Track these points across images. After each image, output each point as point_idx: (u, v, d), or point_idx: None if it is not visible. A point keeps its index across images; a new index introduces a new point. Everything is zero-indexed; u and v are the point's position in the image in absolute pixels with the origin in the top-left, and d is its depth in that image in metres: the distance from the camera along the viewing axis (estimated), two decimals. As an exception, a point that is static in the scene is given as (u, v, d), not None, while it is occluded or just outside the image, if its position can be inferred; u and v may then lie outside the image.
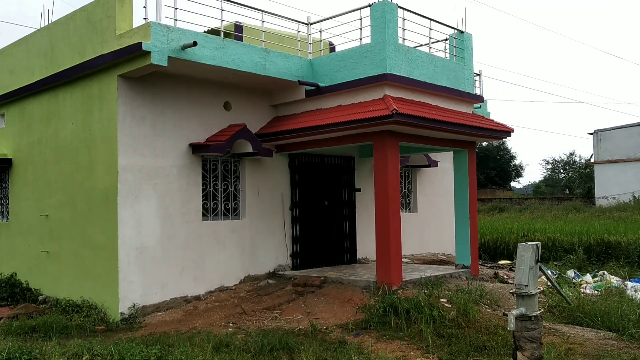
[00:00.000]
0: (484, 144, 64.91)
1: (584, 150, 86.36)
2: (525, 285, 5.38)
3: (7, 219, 12.86)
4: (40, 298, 11.01)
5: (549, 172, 74.65)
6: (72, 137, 10.65)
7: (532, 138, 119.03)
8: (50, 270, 11.08)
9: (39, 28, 12.03)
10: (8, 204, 12.82)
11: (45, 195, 11.36)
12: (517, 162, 71.72)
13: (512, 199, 44.88)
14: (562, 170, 70.69)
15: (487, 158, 66.35)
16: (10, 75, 12.54)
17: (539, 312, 5.47)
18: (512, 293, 5.70)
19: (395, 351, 7.54)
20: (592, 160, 40.90)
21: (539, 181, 72.98)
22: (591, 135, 40.22)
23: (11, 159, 12.49)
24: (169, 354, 6.77)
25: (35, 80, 11.46)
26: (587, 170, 46.03)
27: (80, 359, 6.66)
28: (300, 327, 8.62)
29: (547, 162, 74.78)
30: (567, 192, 53.90)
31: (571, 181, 53.06)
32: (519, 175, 72.88)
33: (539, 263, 5.60)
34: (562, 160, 72.66)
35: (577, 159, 67.62)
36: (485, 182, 64.84)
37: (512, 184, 74.27)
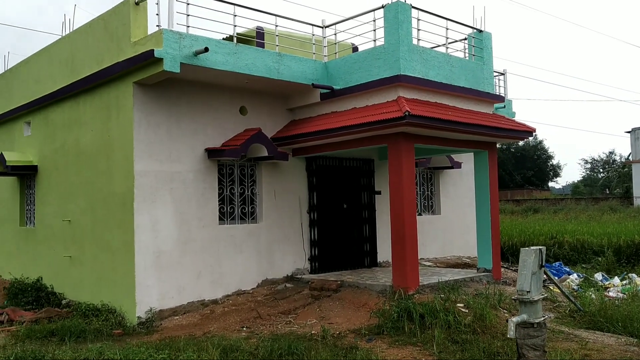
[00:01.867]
0: (520, 143, 63.79)
1: (624, 149, 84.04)
2: (528, 292, 5.22)
3: (34, 224, 13.17)
4: (63, 302, 11.23)
5: (587, 172, 73.05)
6: (92, 144, 10.84)
7: (572, 137, 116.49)
8: (73, 274, 11.30)
9: (60, 37, 12.29)
10: (34, 210, 13.13)
11: (68, 201, 11.59)
12: (554, 161, 70.39)
13: (548, 200, 44.03)
14: (601, 170, 69.07)
15: (524, 158, 65.25)
16: (35, 84, 12.85)
17: (542, 318, 5.30)
18: (514, 299, 5.56)
19: (407, 357, 7.42)
20: (630, 158, 39.75)
21: (578, 181, 71.47)
22: (629, 134, 39.11)
23: (37, 166, 12.79)
24: (177, 359, 6.81)
25: (58, 88, 11.71)
26: (626, 169, 44.77)
27: (90, 363, 6.73)
28: (313, 332, 8.57)
29: (586, 162, 73.24)
30: (606, 192, 52.53)
31: (609, 181, 51.68)
32: (556, 175, 71.52)
33: (543, 268, 5.43)
34: (602, 159, 71.02)
35: (617, 158, 66.00)
36: (522, 182, 63.76)
37: (551, 184, 72.96)
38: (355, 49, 13.47)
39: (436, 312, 8.55)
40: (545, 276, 5.76)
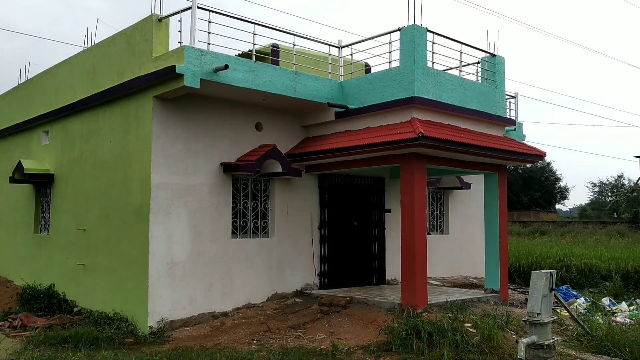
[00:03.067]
0: (528, 165, 63.84)
1: (633, 174, 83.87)
2: (538, 314, 5.34)
3: (48, 232, 13.38)
4: (75, 309, 11.39)
5: (595, 195, 72.80)
6: (110, 155, 11.06)
7: (580, 160, 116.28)
8: (86, 282, 11.47)
9: (82, 50, 12.57)
10: (50, 217, 13.35)
11: (84, 210, 11.80)
12: (562, 184, 70.24)
13: (555, 222, 43.96)
14: (609, 194, 68.83)
15: (531, 179, 65.16)
16: (55, 94, 13.13)
17: (551, 340, 5.42)
18: (524, 321, 5.67)
19: (415, 375, 7.52)
20: (639, 183, 39.70)
21: (585, 204, 71.20)
22: (638, 159, 39.11)
23: (53, 175, 13.02)
24: (190, 369, 6.95)
25: (78, 99, 11.97)
26: (634, 194, 44.69)
27: (105, 370, 6.88)
28: (322, 347, 8.69)
29: (594, 185, 72.99)
30: (614, 216, 52.38)
31: (618, 205, 51.52)
32: (564, 197, 71.35)
33: (553, 291, 5.56)
34: (610, 183, 70.79)
35: (626, 182, 65.80)
36: (529, 204, 63.62)
37: (558, 206, 72.71)
38: (368, 69, 13.70)
39: (444, 331, 8.64)
40: (554, 299, 5.86)
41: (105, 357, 7.39)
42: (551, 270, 5.55)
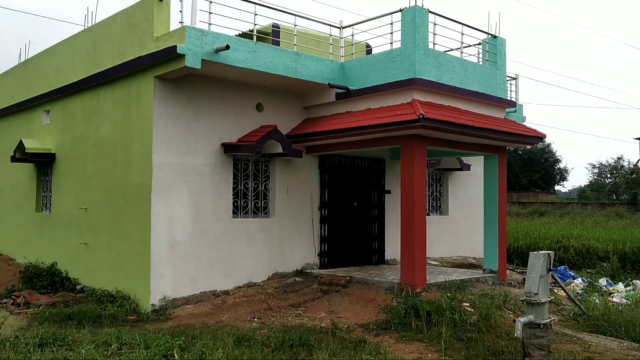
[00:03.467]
0: (528, 147, 63.78)
1: (633, 155, 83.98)
2: (535, 294, 5.45)
3: (50, 210, 13.47)
4: (78, 287, 11.52)
5: (595, 177, 72.94)
6: (111, 135, 11.11)
7: (580, 142, 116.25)
8: (88, 261, 11.59)
9: (82, 29, 12.55)
10: (51, 196, 13.43)
11: (85, 190, 11.87)
12: (562, 165, 70.34)
13: (554, 204, 44.12)
14: (608, 175, 68.96)
15: (531, 160, 65.25)
16: (56, 73, 13.13)
17: (548, 320, 5.53)
18: (522, 301, 5.78)
19: (413, 352, 7.65)
20: (639, 165, 39.78)
21: (585, 185, 71.38)
22: (638, 140, 39.15)
23: (54, 154, 13.07)
24: (192, 346, 7.07)
25: (79, 79, 11.98)
26: (634, 175, 44.80)
27: (109, 346, 7.00)
28: (322, 325, 8.82)
29: (594, 167, 73.09)
30: (613, 198, 52.54)
31: (617, 186, 51.66)
32: (563, 179, 71.49)
33: (551, 272, 5.65)
34: (609, 164, 70.89)
35: (625, 164, 65.91)
36: (529, 185, 63.78)
37: (557, 187, 72.89)
38: (369, 50, 13.68)
39: (443, 310, 8.78)
40: (552, 279, 5.98)
41: (109, 333, 7.51)
42: (549, 252, 5.65)
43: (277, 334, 7.96)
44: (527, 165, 65.04)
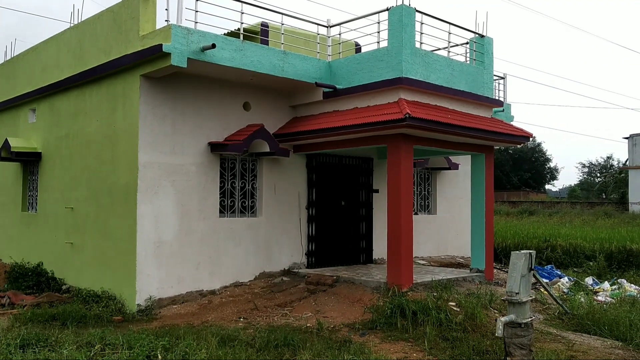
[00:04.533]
0: (519, 146, 64.00)
1: (622, 155, 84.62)
2: (517, 293, 5.46)
3: (36, 210, 13.38)
4: (64, 287, 11.44)
5: (585, 176, 73.37)
6: (97, 134, 11.04)
7: (570, 141, 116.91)
8: (74, 261, 11.52)
9: (69, 27, 12.45)
10: (37, 196, 13.34)
11: (71, 189, 11.79)
12: (552, 164, 70.69)
13: (544, 203, 44.37)
14: (598, 174, 69.40)
15: (521, 160, 65.52)
16: (42, 71, 13.03)
17: (529, 319, 5.54)
18: (503, 300, 5.79)
19: (398, 352, 7.65)
20: (628, 164, 40.05)
21: (575, 185, 71.79)
22: (627, 140, 39.39)
23: (40, 153, 12.98)
24: (175, 346, 7.03)
25: (65, 77, 11.89)
26: (622, 175, 45.09)
27: (93, 347, 6.95)
28: (308, 324, 8.80)
29: (584, 166, 73.53)
30: (603, 197, 52.89)
31: (606, 185, 52.00)
32: (553, 178, 71.84)
33: (532, 271, 5.67)
34: (599, 164, 71.34)
35: (615, 163, 66.33)
36: (519, 184, 64.05)
37: (548, 187, 73.27)
38: (358, 48, 13.67)
39: (428, 309, 8.78)
40: (534, 279, 5.99)
41: (92, 334, 7.46)
42: (530, 251, 5.66)
43: (262, 334, 7.94)
44: (517, 165, 65.33)
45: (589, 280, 13.12)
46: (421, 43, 10.67)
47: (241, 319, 9.31)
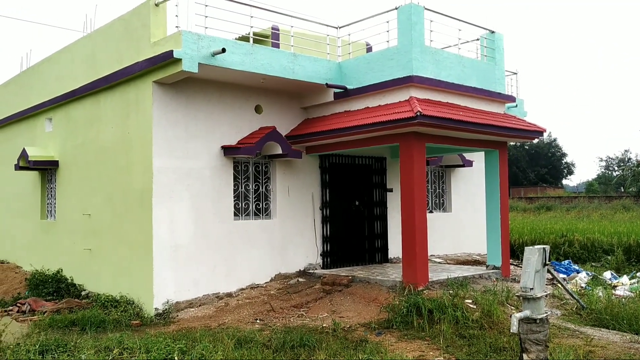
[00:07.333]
0: (534, 141, 63.48)
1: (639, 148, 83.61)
2: (531, 289, 5.44)
3: (55, 217, 13.56)
4: (83, 293, 11.59)
5: (602, 170, 72.57)
6: (112, 140, 11.17)
7: (588, 135, 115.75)
8: (92, 266, 11.66)
9: (82, 36, 12.62)
10: (55, 203, 13.52)
11: (88, 196, 11.94)
12: (569, 159, 70.02)
13: (561, 198, 43.94)
14: (616, 168, 68.58)
15: (537, 155, 65.00)
16: (57, 81, 13.21)
17: (544, 315, 5.52)
18: (518, 296, 5.77)
19: (414, 351, 7.66)
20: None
21: (592, 179, 71.01)
22: (644, 132, 38.86)
23: (58, 161, 13.15)
24: (192, 349, 7.10)
25: (79, 86, 12.05)
26: (640, 168, 44.55)
27: (111, 351, 7.04)
28: (324, 325, 8.82)
29: (601, 160, 72.77)
30: (621, 191, 52.25)
31: (624, 179, 51.37)
32: (570, 172, 71.13)
33: (547, 266, 5.65)
34: (617, 157, 70.51)
35: (632, 157, 65.53)
36: (536, 179, 63.53)
37: (565, 181, 72.57)
38: (369, 48, 13.69)
39: (444, 307, 8.78)
40: (549, 274, 5.96)
41: (110, 339, 7.55)
42: (544, 246, 5.64)
43: (279, 335, 7.98)
44: (534, 160, 64.82)
45: (607, 274, 13.00)
46: (431, 41, 10.66)
47: (257, 321, 9.36)
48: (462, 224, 15.57)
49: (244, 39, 10.97)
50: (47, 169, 13.69)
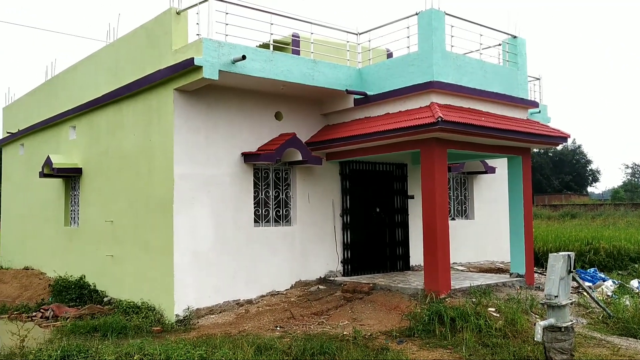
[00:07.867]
0: (558, 148, 62.52)
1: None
2: (556, 296, 5.32)
3: (78, 224, 13.70)
4: (105, 299, 11.67)
5: (628, 177, 71.41)
6: (134, 148, 11.26)
7: (613, 141, 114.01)
8: (114, 273, 11.74)
9: (105, 45, 12.77)
10: (79, 210, 13.67)
11: (110, 202, 12.05)
12: (594, 166, 69.00)
13: (586, 205, 43.23)
14: (642, 175, 67.42)
15: (562, 162, 64.18)
16: (81, 89, 13.39)
17: (569, 322, 5.39)
18: (542, 304, 5.64)
19: (437, 359, 7.55)
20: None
21: (618, 186, 69.85)
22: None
23: (81, 169, 13.31)
24: (212, 356, 7.08)
25: (102, 94, 12.19)
26: (668, 174, 43.66)
27: (132, 357, 7.06)
28: (345, 332, 8.74)
29: (627, 167, 71.58)
30: (648, 198, 51.28)
31: (651, 186, 50.44)
32: (595, 180, 70.09)
33: (572, 273, 5.52)
34: (643, 164, 69.33)
35: (659, 163, 64.37)
36: (560, 187, 62.69)
37: (590, 189, 71.52)
38: (389, 54, 13.63)
39: (467, 315, 8.64)
40: (574, 282, 5.81)
41: (131, 345, 7.57)
42: (569, 253, 5.51)
43: (299, 342, 7.93)
44: (558, 167, 63.99)
45: (634, 283, 12.71)
46: (452, 46, 10.58)
47: (278, 328, 9.32)
48: (485, 231, 15.37)
49: (265, 46, 10.99)
50: (70, 176, 13.85)
